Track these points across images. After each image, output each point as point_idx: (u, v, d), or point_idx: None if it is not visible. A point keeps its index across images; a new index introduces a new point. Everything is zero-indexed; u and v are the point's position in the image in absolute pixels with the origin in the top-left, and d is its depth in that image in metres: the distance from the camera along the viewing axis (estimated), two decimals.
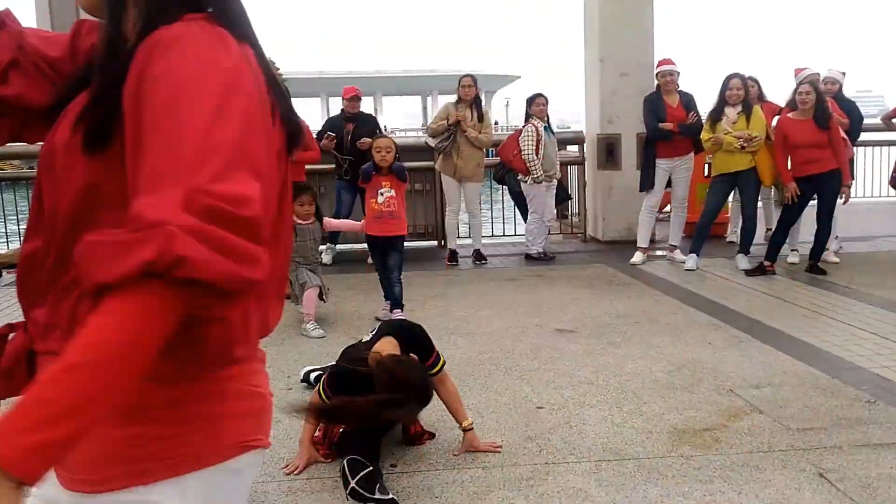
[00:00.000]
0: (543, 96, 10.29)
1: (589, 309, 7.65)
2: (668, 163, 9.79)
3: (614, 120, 11.48)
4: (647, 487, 3.93)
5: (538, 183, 10.14)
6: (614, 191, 11.59)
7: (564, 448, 4.44)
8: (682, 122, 9.61)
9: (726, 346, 6.32)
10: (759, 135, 8.97)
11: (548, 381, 5.57)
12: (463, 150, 10.01)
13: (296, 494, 3.95)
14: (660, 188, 9.95)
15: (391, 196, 7.20)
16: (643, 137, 10.39)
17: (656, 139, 9.73)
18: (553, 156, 10.29)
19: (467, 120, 9.94)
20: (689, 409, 5.00)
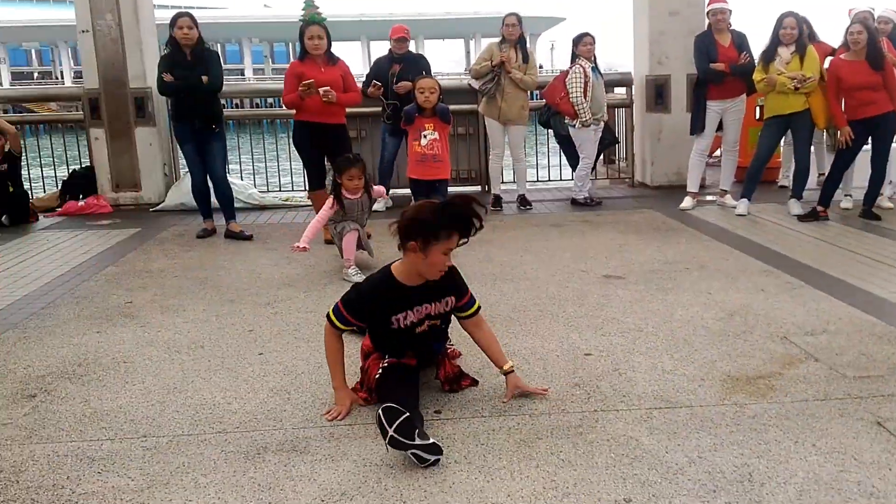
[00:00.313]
0: (590, 35, 10.13)
1: (637, 255, 7.56)
2: (720, 105, 9.63)
3: (663, 61, 11.30)
4: (699, 436, 3.86)
5: (586, 126, 10.01)
6: (663, 134, 11.45)
7: (614, 395, 4.37)
8: (734, 62, 9.42)
9: (779, 293, 6.22)
10: (812, 76, 8.79)
11: (596, 328, 5.50)
12: (507, 91, 9.90)
13: (339, 440, 3.92)
14: (710, 131, 9.80)
15: (434, 139, 7.12)
16: (694, 79, 10.21)
17: (707, 80, 9.55)
18: (601, 98, 10.15)
19: (512, 61, 9.81)
20: (742, 356, 4.92)
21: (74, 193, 11.31)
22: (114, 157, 11.07)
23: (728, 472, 3.51)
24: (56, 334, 5.70)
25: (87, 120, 11.21)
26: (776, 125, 9.24)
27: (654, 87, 11.35)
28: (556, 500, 3.32)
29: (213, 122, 8.76)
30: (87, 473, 3.67)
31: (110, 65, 10.82)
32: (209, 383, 4.71)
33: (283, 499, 3.39)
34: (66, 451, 3.91)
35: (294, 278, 7.04)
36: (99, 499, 3.44)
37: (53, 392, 4.63)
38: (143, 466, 3.72)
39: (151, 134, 11.15)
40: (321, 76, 8.07)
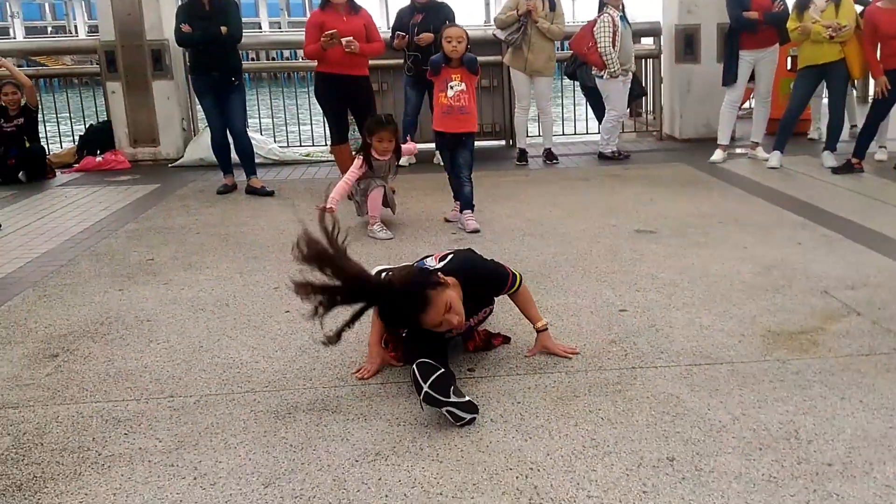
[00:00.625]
0: None
1: (668, 209, 7.46)
2: (752, 55, 9.46)
3: (693, 10, 11.11)
4: (742, 393, 3.79)
5: (614, 77, 9.87)
6: (693, 85, 11.29)
7: (651, 352, 4.30)
8: (767, 10, 9.23)
9: (817, 246, 6.13)
10: (848, 24, 8.60)
11: (629, 284, 5.43)
12: (534, 42, 9.76)
13: (370, 399, 3.87)
14: (742, 82, 9.67)
15: (461, 90, 6.98)
16: (725, 28, 10.04)
17: (740, 29, 9.37)
18: (629, 48, 10.01)
19: (538, 9, 9.64)
20: (782, 311, 4.84)
21: (92, 149, 11.28)
22: (131, 111, 11.03)
23: (773, 429, 3.44)
24: (77, 292, 5.65)
25: (104, 73, 11.15)
26: (810, 75, 9.09)
27: (683, 37, 11.16)
28: (596, 459, 3.26)
29: (233, 75, 8.66)
30: (114, 435, 3.63)
31: (126, 16, 10.75)
32: (236, 342, 4.66)
33: (315, 458, 3.35)
34: (91, 411, 3.87)
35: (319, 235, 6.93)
36: (126, 460, 3.40)
37: (76, 351, 4.59)
38: (170, 427, 3.68)
39: (169, 87, 11.09)
40: (343, 26, 7.94)
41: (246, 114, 9.08)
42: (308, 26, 8.26)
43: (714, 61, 10.99)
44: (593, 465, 3.21)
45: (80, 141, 11.55)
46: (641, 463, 3.22)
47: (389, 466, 3.27)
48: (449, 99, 6.96)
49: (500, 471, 3.21)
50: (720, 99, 10.08)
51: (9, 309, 5.36)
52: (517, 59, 9.89)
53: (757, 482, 3.06)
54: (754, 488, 3.02)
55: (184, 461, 3.37)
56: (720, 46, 10.82)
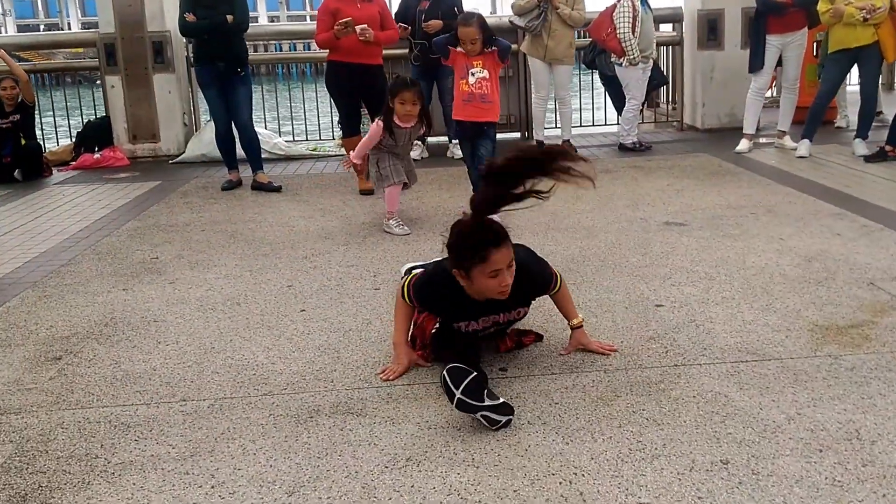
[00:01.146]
0: None
1: (696, 200, 7.33)
2: (780, 39, 9.29)
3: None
4: (795, 391, 3.65)
5: (634, 65, 9.72)
6: (716, 73, 11.14)
7: (693, 349, 4.17)
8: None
9: (857, 237, 5.99)
10: (883, 5, 8.43)
11: (664, 277, 5.29)
12: (554, 28, 9.60)
13: (397, 402, 3.73)
14: (769, 68, 9.49)
15: (484, 77, 6.79)
16: (750, 13, 9.89)
17: (767, 12, 9.19)
18: (650, 34, 9.86)
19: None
20: (828, 304, 4.70)
21: (89, 145, 11.12)
22: (131, 105, 10.88)
23: (832, 429, 3.30)
24: (79, 292, 5.53)
25: (102, 67, 11.00)
26: (842, 60, 8.93)
27: (706, 23, 10.99)
28: (644, 462, 3.12)
29: (239, 65, 8.51)
30: (123, 441, 3.49)
31: (127, 7, 10.60)
32: (249, 342, 4.53)
33: (342, 465, 3.21)
34: (99, 416, 3.73)
35: (331, 231, 6.84)
36: (138, 468, 3.26)
37: (80, 354, 4.47)
38: (184, 433, 3.54)
39: (170, 81, 10.93)
40: (358, 13, 7.80)
41: (252, 106, 8.90)
42: (321, 13, 8.10)
43: (738, 48, 10.87)
44: (642, 469, 3.07)
45: (78, 137, 11.40)
46: (693, 466, 3.07)
47: (422, 472, 3.13)
48: (470, 86, 6.79)
49: (541, 476, 3.07)
50: (744, 87, 9.93)
51: (7, 310, 5.23)
52: (536, 46, 9.73)
53: (820, 486, 2.92)
54: (818, 493, 2.88)
55: (199, 468, 3.23)
56: (745, 32, 10.69)
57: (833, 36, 8.90)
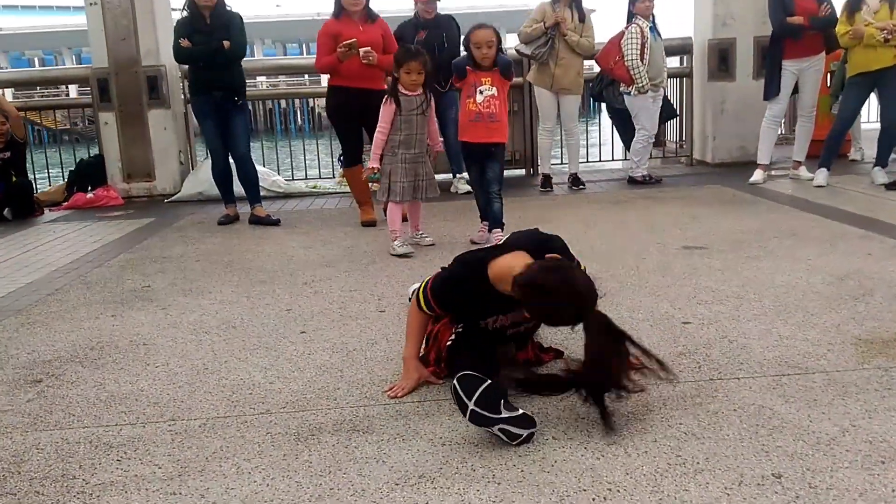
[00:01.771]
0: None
1: (714, 226, 7.04)
2: (797, 64, 9.01)
3: (729, 22, 10.69)
4: (846, 403, 3.33)
5: (643, 93, 9.44)
6: (727, 105, 10.87)
7: (729, 364, 3.86)
8: (813, 14, 8.78)
9: (890, 256, 5.72)
10: None
11: (689, 297, 4.99)
12: (562, 57, 9.32)
13: (407, 418, 3.42)
14: (786, 95, 9.21)
15: (492, 95, 6.52)
16: (763, 42, 9.65)
17: (783, 36, 8.93)
18: (660, 61, 9.58)
19: (567, 21, 9.22)
20: (869, 319, 4.41)
21: (82, 185, 10.83)
22: (125, 143, 10.61)
23: (894, 441, 2.97)
24: (65, 319, 5.23)
25: (96, 103, 10.70)
26: (862, 84, 8.65)
27: (717, 52, 10.73)
28: (687, 477, 2.80)
29: (236, 94, 8.23)
30: (104, 461, 3.18)
31: (121, 41, 10.34)
32: (245, 363, 4.22)
33: (346, 483, 2.89)
34: (78, 437, 3.42)
35: (332, 259, 6.54)
36: (119, 489, 2.94)
37: (62, 377, 4.16)
38: (171, 452, 3.22)
39: (166, 117, 10.66)
40: (360, 36, 7.52)
41: (250, 137, 8.61)
42: (321, 37, 7.79)
43: (750, 78, 10.63)
44: (684, 485, 2.75)
45: (70, 176, 11.10)
46: (742, 481, 2.76)
47: (437, 489, 2.81)
48: (478, 105, 6.51)
49: (571, 492, 2.75)
50: (756, 119, 9.66)
51: None
52: (543, 75, 9.46)
53: (888, 499, 2.61)
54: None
55: (188, 488, 2.91)
56: (757, 62, 10.46)
57: (853, 59, 8.63)
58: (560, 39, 9.28)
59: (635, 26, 9.40)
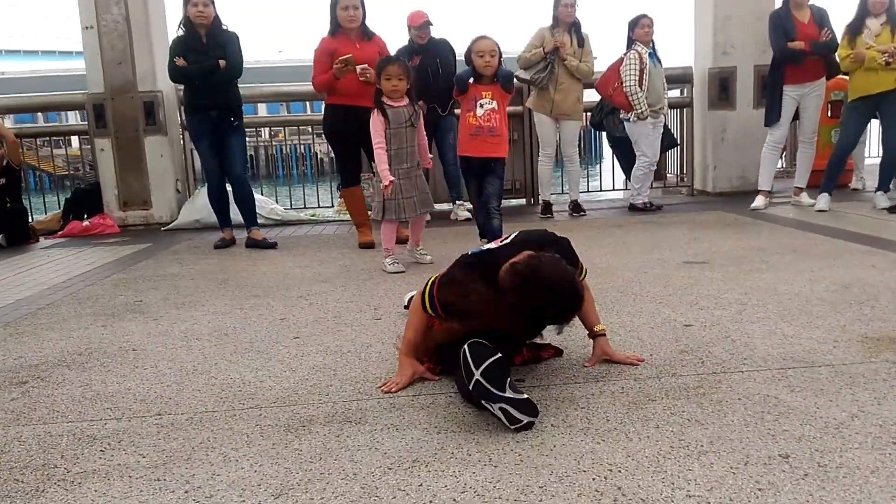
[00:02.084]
0: (648, 17, 9.49)
1: (716, 244, 6.96)
2: (798, 89, 8.95)
3: (729, 51, 10.65)
4: (853, 391, 3.24)
5: (643, 119, 9.37)
6: (728, 134, 10.80)
7: (732, 359, 3.77)
8: (814, 39, 8.74)
9: (894, 268, 5.64)
10: None
11: (689, 304, 4.90)
12: (561, 82, 9.27)
13: (401, 410, 3.33)
14: (786, 120, 9.12)
15: (493, 109, 6.45)
16: (763, 71, 9.63)
17: (784, 61, 8.87)
18: (660, 87, 9.51)
19: (566, 46, 9.18)
20: (875, 321, 4.33)
21: (78, 213, 10.72)
22: (121, 170, 10.49)
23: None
24: (54, 329, 5.14)
25: (91, 129, 10.59)
26: (863, 107, 8.58)
27: (718, 81, 10.67)
28: (690, 458, 2.70)
29: (232, 114, 8.14)
30: (87, 452, 3.08)
31: (117, 66, 10.25)
32: (236, 364, 4.13)
33: (338, 468, 2.78)
34: (62, 431, 3.33)
35: (328, 276, 6.46)
36: (101, 476, 2.84)
37: (48, 378, 4.07)
38: (157, 443, 3.13)
39: (162, 144, 10.55)
40: (357, 53, 7.42)
41: (247, 158, 8.52)
42: (318, 54, 7.71)
43: (750, 107, 10.58)
44: (688, 465, 2.65)
45: (66, 205, 11.00)
46: (748, 461, 2.66)
47: (432, 473, 2.71)
48: (478, 119, 6.43)
49: (570, 473, 2.65)
50: (757, 148, 9.61)
51: None
52: (542, 100, 9.40)
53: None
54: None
55: (172, 475, 2.81)
56: (757, 91, 10.41)
57: (853, 82, 8.58)
58: (559, 64, 9.23)
59: (634, 52, 9.35)
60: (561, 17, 9.32)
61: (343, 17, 7.70)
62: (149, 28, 10.37)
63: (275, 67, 75.81)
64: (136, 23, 10.30)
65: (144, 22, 10.34)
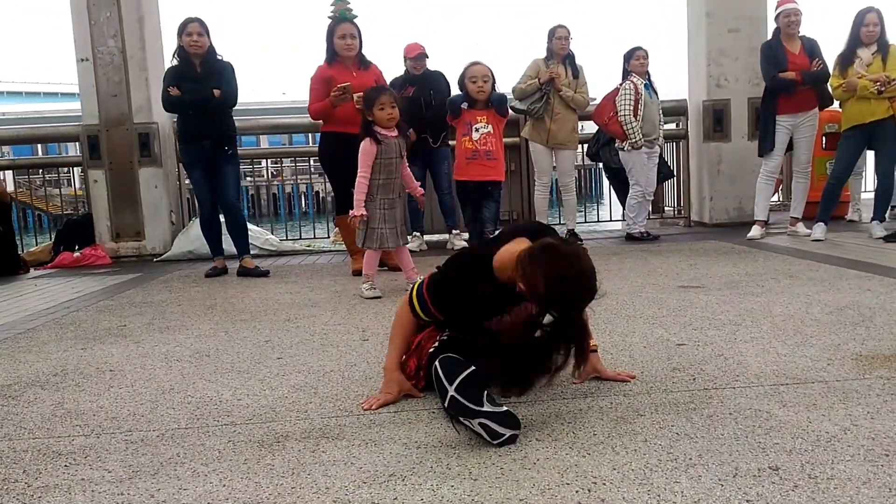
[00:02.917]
0: (643, 49, 9.48)
1: (712, 270, 6.86)
2: (791, 119, 8.86)
3: (723, 84, 10.59)
4: (846, 406, 3.12)
5: (637, 149, 9.28)
6: (723, 165, 10.72)
7: (724, 376, 3.66)
8: (805, 70, 8.67)
9: (890, 291, 5.53)
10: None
11: (683, 324, 4.79)
12: (557, 112, 9.22)
13: (381, 426, 3.20)
14: (780, 150, 9.01)
15: (488, 133, 6.39)
16: (756, 103, 9.57)
17: (776, 91, 8.79)
18: (655, 118, 9.44)
19: (561, 77, 9.13)
20: (870, 339, 4.22)
21: (69, 244, 10.57)
22: (114, 201, 10.35)
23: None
24: (32, 352, 5.02)
25: (85, 160, 10.48)
26: (856, 137, 8.48)
27: (712, 113, 10.60)
28: (678, 471, 2.58)
29: (226, 143, 8.03)
30: (51, 467, 2.95)
31: (112, 97, 10.16)
32: (214, 384, 4.01)
33: (310, 483, 2.65)
34: (26, 447, 3.20)
35: (317, 301, 6.34)
36: (63, 491, 2.71)
37: (20, 398, 3.94)
38: (124, 459, 3.00)
39: (157, 175, 10.43)
40: (353, 81, 7.33)
41: (240, 187, 8.40)
42: (314, 82, 7.62)
43: (745, 139, 10.52)
44: (675, 477, 2.53)
45: (57, 236, 10.87)
46: (737, 473, 2.54)
47: (408, 486, 2.58)
48: (474, 143, 6.37)
49: (553, 486, 2.52)
50: (753, 179, 9.53)
51: None
52: (538, 131, 9.32)
53: (894, 487, 2.34)
54: (892, 493, 2.36)
55: (137, 489, 2.68)
56: (751, 123, 10.35)
57: (846, 112, 8.50)
58: (555, 95, 9.18)
59: (629, 83, 9.31)
60: (555, 50, 9.33)
61: (340, 46, 7.65)
62: (145, 61, 10.29)
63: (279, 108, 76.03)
64: (133, 56, 10.24)
65: (141, 55, 10.27)
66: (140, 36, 10.27)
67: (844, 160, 8.71)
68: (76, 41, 10.21)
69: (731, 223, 10.67)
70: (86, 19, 10.16)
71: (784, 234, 9.36)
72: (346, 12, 7.64)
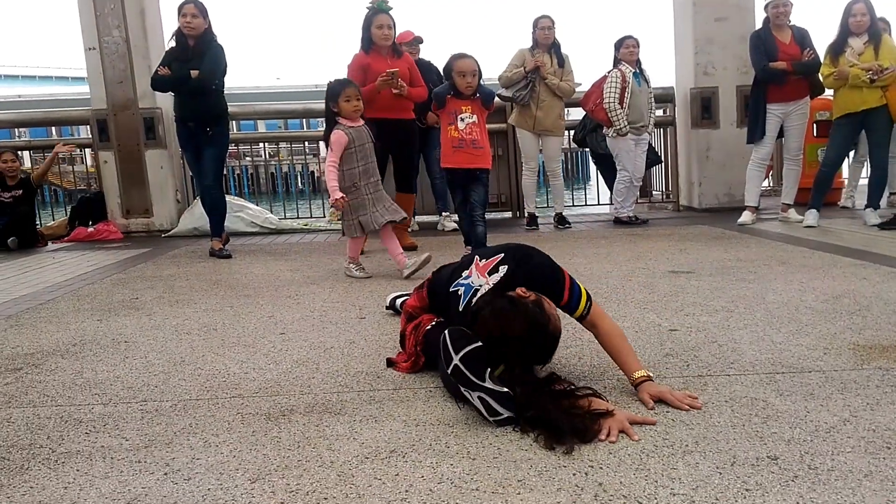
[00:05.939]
0: (633, 38, 9.39)
1: (701, 255, 6.79)
2: (781, 108, 8.77)
3: (710, 71, 10.50)
4: (845, 397, 3.07)
5: (622, 136, 9.22)
6: (711, 152, 10.63)
7: (718, 363, 3.61)
8: (796, 59, 8.58)
9: (886, 280, 5.41)
10: (891, 66, 7.93)
11: (675, 310, 4.74)
12: (543, 99, 9.20)
13: (381, 403, 3.19)
14: (771, 138, 8.91)
15: (473, 123, 6.33)
16: (745, 91, 9.51)
17: (766, 81, 8.71)
18: (642, 106, 9.34)
19: (546, 66, 9.08)
20: (867, 329, 4.13)
21: (84, 220, 10.72)
22: (124, 181, 10.50)
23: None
24: (52, 322, 5.09)
25: (96, 143, 10.61)
26: (848, 125, 8.34)
27: (700, 100, 10.52)
28: (675, 457, 2.54)
29: (207, 124, 7.88)
30: (72, 434, 2.98)
31: (118, 84, 10.30)
32: (222, 357, 4.02)
33: (315, 456, 2.63)
34: (49, 413, 3.23)
35: (317, 279, 6.33)
36: (84, 457, 2.74)
37: (42, 366, 4.00)
38: (140, 427, 3.01)
39: (162, 157, 10.54)
40: (388, 68, 7.35)
41: (221, 169, 8.23)
42: (352, 70, 7.59)
43: (734, 126, 10.43)
44: (672, 464, 2.49)
45: (72, 212, 10.93)
46: (735, 461, 2.49)
47: (409, 463, 2.56)
48: (460, 132, 6.30)
49: (550, 468, 2.49)
50: (742, 166, 9.45)
51: None
52: (525, 118, 9.30)
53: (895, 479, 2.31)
54: (895, 487, 2.30)
55: (153, 457, 2.69)
56: (740, 110, 10.27)
57: (838, 100, 8.37)
58: (540, 82, 9.18)
59: (617, 71, 9.25)
60: (539, 40, 9.31)
61: (378, 35, 7.65)
62: (148, 50, 10.37)
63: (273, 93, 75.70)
64: (136, 45, 10.37)
65: (143, 44, 10.38)
66: (142, 26, 10.38)
67: (836, 147, 8.58)
68: (83, 31, 10.35)
69: (720, 208, 10.59)
70: (91, 11, 10.31)
71: (775, 219, 9.28)
72: (383, 3, 7.66)
